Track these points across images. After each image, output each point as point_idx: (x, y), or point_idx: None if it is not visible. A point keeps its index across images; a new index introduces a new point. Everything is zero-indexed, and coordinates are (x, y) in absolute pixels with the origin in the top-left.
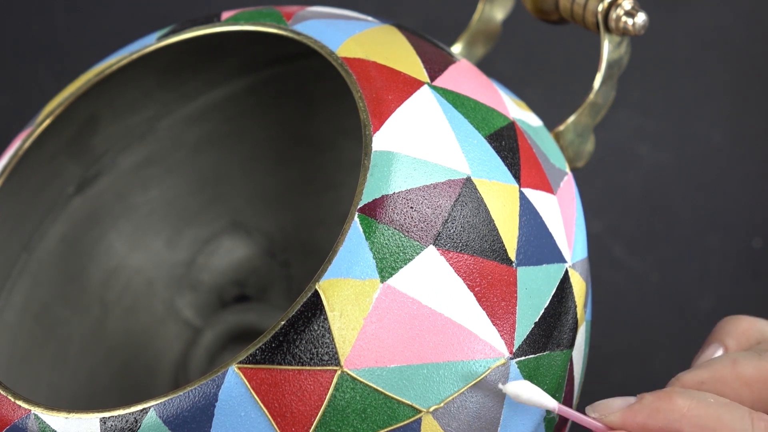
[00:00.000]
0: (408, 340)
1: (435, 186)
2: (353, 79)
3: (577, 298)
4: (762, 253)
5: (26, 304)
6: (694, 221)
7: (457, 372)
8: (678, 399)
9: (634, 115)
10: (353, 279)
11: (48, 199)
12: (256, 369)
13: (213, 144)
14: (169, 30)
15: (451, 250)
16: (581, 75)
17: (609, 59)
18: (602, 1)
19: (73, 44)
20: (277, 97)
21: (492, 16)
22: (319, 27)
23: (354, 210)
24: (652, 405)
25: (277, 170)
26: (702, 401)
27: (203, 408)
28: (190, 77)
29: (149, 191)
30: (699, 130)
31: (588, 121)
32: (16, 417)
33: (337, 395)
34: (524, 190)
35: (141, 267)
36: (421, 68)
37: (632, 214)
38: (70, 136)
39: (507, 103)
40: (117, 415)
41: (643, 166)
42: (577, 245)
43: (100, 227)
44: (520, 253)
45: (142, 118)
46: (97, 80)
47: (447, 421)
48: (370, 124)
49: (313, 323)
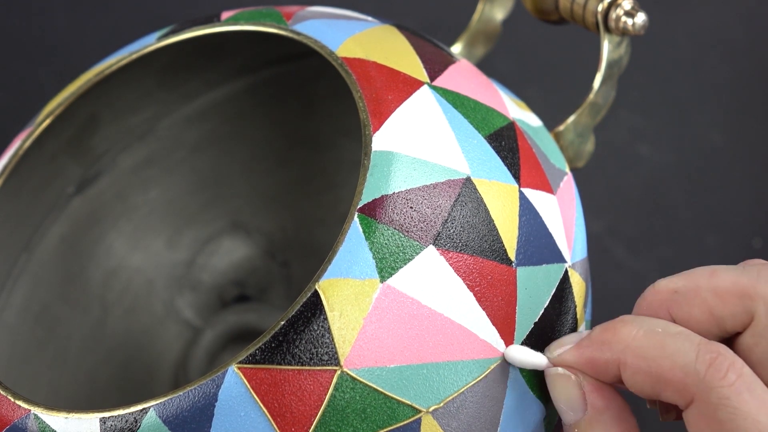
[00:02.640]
0: (408, 340)
1: (435, 186)
2: (353, 79)
3: (577, 298)
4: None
5: (26, 304)
6: (694, 221)
7: (457, 372)
8: (623, 328)
9: (634, 115)
10: (353, 279)
11: (48, 199)
12: (256, 369)
13: (213, 144)
14: (169, 30)
15: (451, 250)
16: (581, 75)
17: (609, 59)
18: (602, 1)
19: (73, 44)
20: (277, 97)
21: (492, 16)
22: (319, 27)
23: (354, 210)
24: (598, 338)
25: (277, 170)
26: (649, 330)
27: (203, 408)
28: (190, 77)
29: (149, 191)
30: (699, 130)
31: (588, 121)
32: (16, 417)
33: (337, 395)
34: (524, 190)
35: (141, 267)
36: (421, 68)
37: (632, 214)
38: (70, 136)
39: (507, 103)
40: (117, 415)
41: (643, 166)
42: (577, 245)
43: (100, 227)
44: (519, 253)
45: (142, 118)
46: (97, 80)
47: (447, 421)
48: (370, 124)
49: (312, 323)
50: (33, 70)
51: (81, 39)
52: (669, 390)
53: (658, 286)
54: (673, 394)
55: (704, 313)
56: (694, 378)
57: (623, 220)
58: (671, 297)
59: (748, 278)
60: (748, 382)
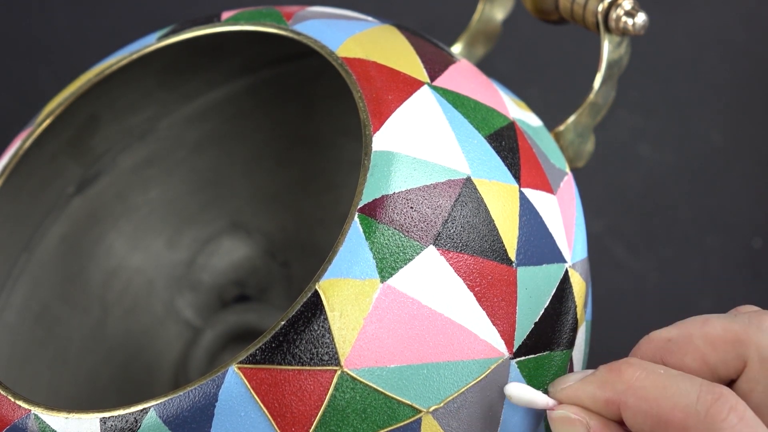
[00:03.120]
0: (408, 340)
1: (435, 186)
2: (353, 79)
3: (577, 298)
4: (762, 253)
5: (26, 304)
6: (694, 221)
7: (457, 372)
8: (627, 370)
9: (634, 115)
10: (353, 279)
11: (48, 199)
12: (256, 369)
13: (213, 144)
14: (169, 30)
15: (451, 250)
16: (581, 75)
17: (609, 59)
18: (602, 1)
19: (73, 44)
20: (277, 97)
21: (492, 16)
22: (319, 27)
23: (354, 210)
24: (602, 377)
25: (277, 170)
26: (651, 372)
27: (203, 408)
28: (190, 77)
29: (149, 191)
30: (699, 130)
31: (588, 121)
32: (16, 417)
33: (337, 395)
34: (524, 190)
35: (141, 267)
36: (421, 68)
37: (632, 214)
38: (70, 136)
39: (507, 103)
40: (117, 415)
41: (643, 166)
42: (577, 245)
43: (100, 227)
44: (520, 253)
45: (142, 118)
46: (97, 80)
47: (447, 421)
48: (370, 124)
49: (313, 323)
50: (33, 70)
51: (81, 39)
52: (670, 431)
53: (652, 336)
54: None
55: (697, 361)
56: (694, 419)
57: (623, 220)
58: (665, 346)
59: (739, 325)
60: (751, 425)
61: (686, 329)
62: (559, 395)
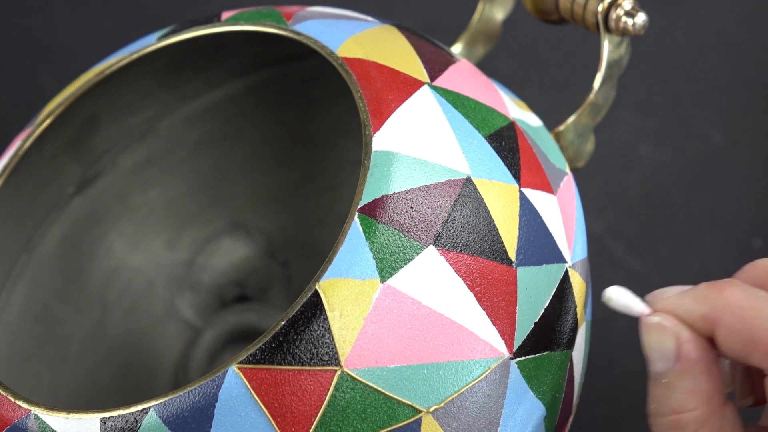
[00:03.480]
0: (408, 340)
1: (435, 186)
2: (353, 79)
3: (577, 298)
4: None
5: (26, 304)
6: (694, 221)
7: (457, 372)
8: (728, 289)
9: (634, 115)
10: (353, 279)
11: (48, 199)
12: (256, 369)
13: (213, 144)
14: (169, 30)
15: (451, 250)
16: (581, 75)
17: (609, 59)
18: (602, 1)
19: (73, 44)
20: (277, 97)
21: (492, 16)
22: (319, 27)
23: (354, 210)
24: (702, 292)
25: (277, 170)
26: (751, 294)
27: (203, 408)
28: (190, 77)
29: (149, 191)
30: (699, 130)
31: (588, 121)
32: (16, 417)
33: (337, 395)
34: (524, 190)
35: (141, 267)
36: (421, 68)
37: (632, 214)
38: (70, 136)
39: (507, 103)
40: (117, 415)
41: (643, 166)
42: (577, 245)
43: (100, 227)
44: (520, 253)
45: (142, 118)
46: (97, 80)
47: (447, 421)
48: (370, 124)
49: (313, 323)
50: (33, 70)
51: (81, 39)
52: (758, 352)
53: (758, 263)
54: (760, 357)
55: None
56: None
57: (623, 220)
58: None
59: None
60: None
61: None
62: (657, 305)
